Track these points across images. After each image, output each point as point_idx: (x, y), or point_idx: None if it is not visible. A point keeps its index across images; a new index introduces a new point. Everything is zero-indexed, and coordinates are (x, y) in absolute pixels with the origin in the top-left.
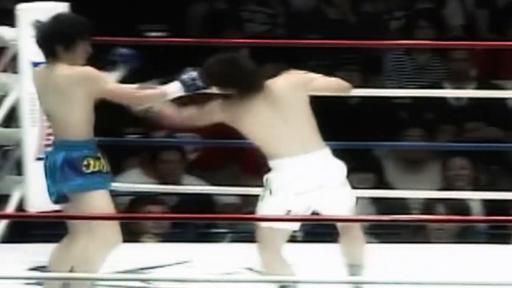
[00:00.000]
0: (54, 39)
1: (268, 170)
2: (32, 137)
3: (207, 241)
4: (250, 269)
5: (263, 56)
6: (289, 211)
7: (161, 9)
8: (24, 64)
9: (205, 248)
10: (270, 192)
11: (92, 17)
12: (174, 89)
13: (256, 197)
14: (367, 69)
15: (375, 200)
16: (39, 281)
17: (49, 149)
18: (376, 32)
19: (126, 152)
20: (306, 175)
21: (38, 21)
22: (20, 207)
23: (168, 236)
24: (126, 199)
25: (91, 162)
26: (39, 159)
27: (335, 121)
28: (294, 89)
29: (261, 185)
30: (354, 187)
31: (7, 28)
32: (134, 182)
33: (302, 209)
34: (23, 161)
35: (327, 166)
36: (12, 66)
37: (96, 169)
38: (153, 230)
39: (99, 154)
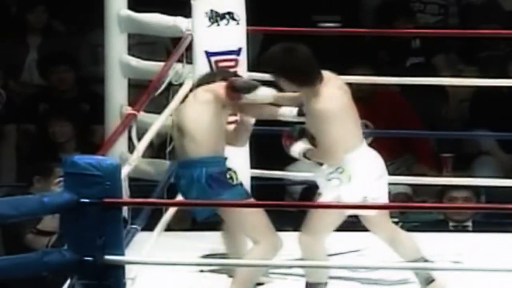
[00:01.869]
0: None
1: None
2: None
3: None
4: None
5: (434, 46)
6: (365, 197)
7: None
8: (199, 54)
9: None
10: (348, 179)
11: (266, 7)
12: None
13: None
14: None
15: None
16: (213, 268)
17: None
18: None
19: None
20: (377, 163)
21: None
22: None
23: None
24: (299, 188)
25: (233, 174)
26: None
27: (507, 112)
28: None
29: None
30: None
31: (183, 19)
32: (306, 171)
33: (379, 195)
34: None
35: (378, 157)
36: (187, 56)
37: (239, 181)
38: None
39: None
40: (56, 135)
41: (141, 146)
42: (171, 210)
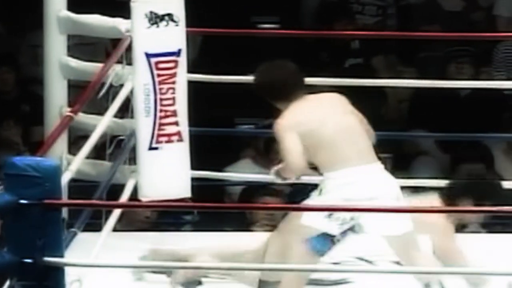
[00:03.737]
0: None
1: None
2: (145, 127)
3: None
4: (361, 258)
5: (373, 48)
6: (330, 214)
7: (274, 1)
8: (138, 55)
9: None
10: (320, 193)
11: (205, 8)
12: None
13: None
14: (478, 61)
15: None
16: (150, 270)
17: None
18: (487, 24)
19: (240, 143)
20: (359, 185)
21: None
22: (134, 196)
23: None
24: (238, 188)
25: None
26: (152, 148)
27: (446, 113)
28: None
29: None
30: (464, 178)
31: (122, 20)
32: (246, 172)
33: (345, 216)
34: (137, 151)
35: (381, 180)
36: (127, 57)
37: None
38: (265, 221)
39: None
40: (8, 137)
41: (85, 148)
42: (117, 212)
